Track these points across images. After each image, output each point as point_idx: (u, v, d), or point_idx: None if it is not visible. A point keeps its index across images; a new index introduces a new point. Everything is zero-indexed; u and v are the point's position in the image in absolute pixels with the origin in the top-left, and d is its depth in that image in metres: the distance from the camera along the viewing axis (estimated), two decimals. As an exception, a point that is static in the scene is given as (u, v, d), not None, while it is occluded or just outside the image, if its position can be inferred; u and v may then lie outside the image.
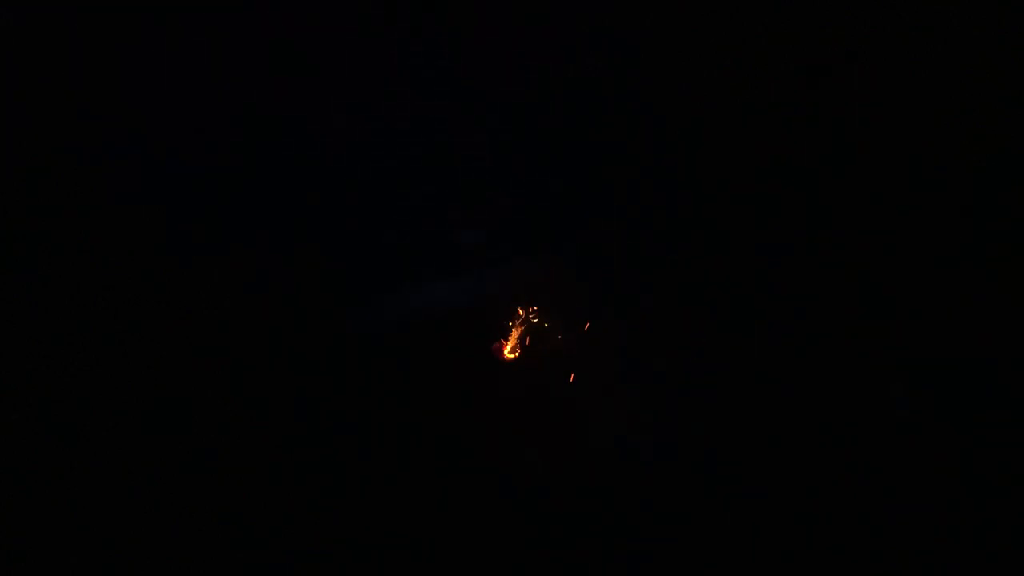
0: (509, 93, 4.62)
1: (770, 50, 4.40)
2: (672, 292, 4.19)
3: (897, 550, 3.16)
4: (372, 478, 3.49)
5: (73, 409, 3.60)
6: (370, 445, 3.62)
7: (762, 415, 3.70)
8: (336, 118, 4.51)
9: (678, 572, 3.18)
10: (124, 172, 4.24)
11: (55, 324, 3.81)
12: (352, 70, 4.51)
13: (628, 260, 4.32)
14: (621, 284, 4.25)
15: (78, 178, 4.16)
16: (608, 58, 4.60)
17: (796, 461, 3.51)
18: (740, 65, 4.44)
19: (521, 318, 3.91)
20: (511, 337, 3.88)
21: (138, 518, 3.29)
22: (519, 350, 3.86)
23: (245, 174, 4.37)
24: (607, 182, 4.50)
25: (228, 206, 4.28)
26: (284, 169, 4.42)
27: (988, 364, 3.71)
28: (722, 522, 3.30)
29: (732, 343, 3.97)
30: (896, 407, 3.66)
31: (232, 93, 4.39)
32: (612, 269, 4.30)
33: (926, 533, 3.20)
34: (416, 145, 4.55)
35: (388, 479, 3.49)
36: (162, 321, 3.91)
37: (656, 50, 4.55)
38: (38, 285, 3.88)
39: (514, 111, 4.60)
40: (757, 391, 3.79)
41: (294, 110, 4.47)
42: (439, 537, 3.27)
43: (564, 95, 4.61)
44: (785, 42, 4.38)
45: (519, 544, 3.25)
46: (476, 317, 3.96)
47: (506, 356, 3.88)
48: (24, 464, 3.41)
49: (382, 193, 4.47)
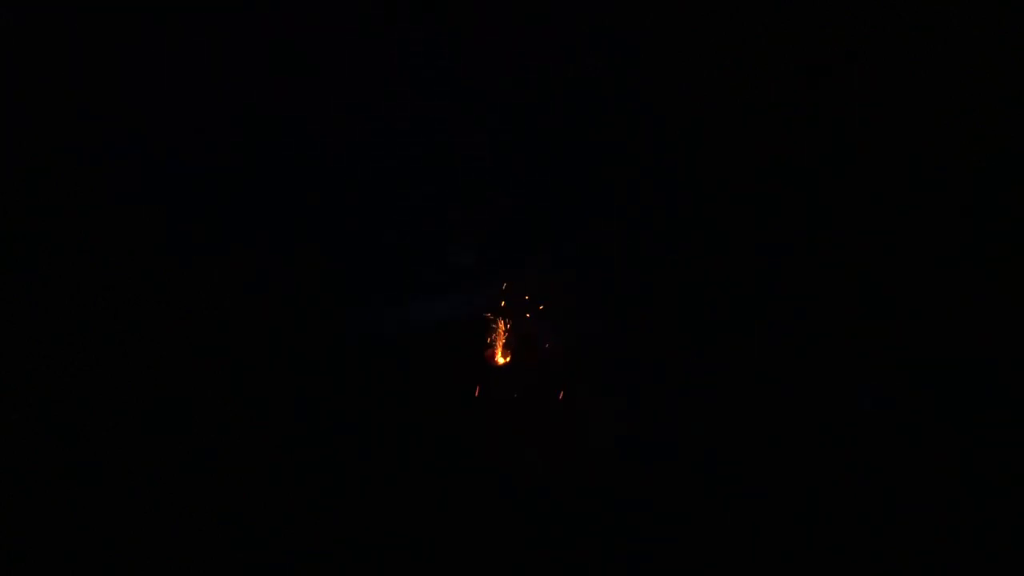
0: (509, 93, 4.62)
1: (770, 50, 4.40)
2: (672, 292, 4.19)
3: (897, 550, 3.16)
4: (372, 478, 3.49)
5: (73, 409, 3.60)
6: (370, 445, 3.62)
7: (762, 415, 3.70)
8: (336, 118, 4.51)
9: (678, 572, 3.18)
10: (124, 172, 4.25)
11: (55, 324, 3.81)
12: (352, 70, 4.51)
13: (628, 260, 4.33)
14: (621, 284, 4.25)
15: (78, 178, 4.16)
16: (608, 58, 4.60)
17: (795, 461, 3.51)
18: (740, 65, 4.44)
19: (509, 328, 4.10)
20: (500, 345, 4.07)
21: (138, 518, 3.29)
22: (509, 356, 4.05)
23: (245, 174, 4.37)
24: (607, 182, 4.50)
25: (228, 206, 4.28)
26: (284, 169, 4.42)
27: (988, 364, 3.71)
28: (722, 522, 3.30)
29: (732, 343, 3.98)
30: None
31: (232, 93, 4.39)
32: (612, 269, 4.31)
33: (926, 533, 3.20)
34: (416, 145, 4.55)
35: (388, 479, 3.49)
36: (162, 321, 3.91)
37: (656, 50, 4.55)
38: (38, 285, 3.88)
39: (514, 111, 4.60)
40: (757, 391, 3.79)
41: (294, 110, 4.47)
42: (439, 537, 3.27)
43: (564, 95, 4.61)
44: (785, 42, 4.38)
45: (519, 544, 3.25)
46: (467, 329, 4.12)
47: (498, 362, 4.06)
48: (24, 464, 3.41)
49: (382, 193, 4.47)
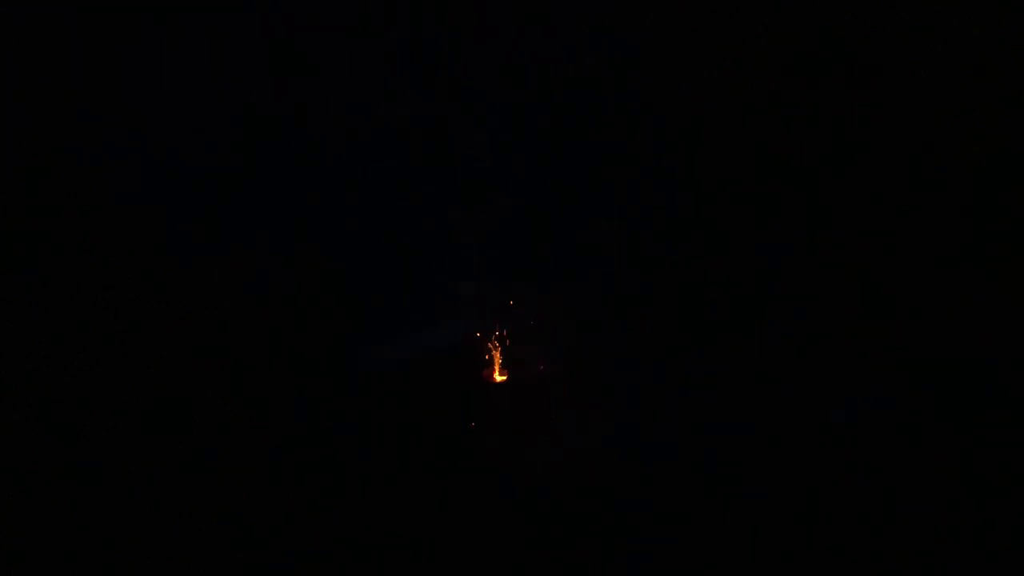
0: (509, 93, 4.62)
1: (770, 50, 4.40)
2: (672, 292, 4.19)
3: (897, 550, 3.16)
4: (372, 478, 3.49)
5: (73, 409, 3.60)
6: (370, 446, 3.62)
7: (762, 415, 3.70)
8: (336, 118, 4.51)
9: (678, 572, 3.18)
10: (124, 172, 4.24)
11: (55, 324, 3.81)
12: (352, 70, 4.51)
13: (628, 260, 4.33)
14: (621, 284, 4.25)
15: (78, 178, 4.16)
16: (608, 58, 4.60)
17: (796, 461, 3.51)
18: (740, 65, 4.44)
19: (506, 349, 4.18)
20: (497, 364, 4.16)
21: (138, 518, 3.29)
22: (507, 374, 4.14)
23: (245, 174, 4.37)
24: (607, 182, 4.50)
25: (228, 206, 4.28)
26: (284, 169, 4.41)
27: (988, 364, 3.70)
28: (722, 522, 3.30)
29: (732, 343, 3.98)
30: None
31: (232, 93, 4.38)
32: (612, 269, 4.31)
33: (926, 533, 3.20)
34: (416, 145, 4.55)
35: (388, 479, 3.49)
36: (162, 321, 3.91)
37: (656, 50, 4.55)
38: (38, 285, 3.88)
39: (514, 111, 4.60)
40: (757, 391, 3.79)
41: (294, 110, 4.47)
42: (439, 537, 3.27)
43: (564, 95, 4.61)
44: (785, 42, 4.38)
45: (519, 544, 3.25)
46: (465, 351, 4.20)
47: (496, 380, 4.14)
48: (24, 464, 3.41)
49: (382, 193, 4.47)
